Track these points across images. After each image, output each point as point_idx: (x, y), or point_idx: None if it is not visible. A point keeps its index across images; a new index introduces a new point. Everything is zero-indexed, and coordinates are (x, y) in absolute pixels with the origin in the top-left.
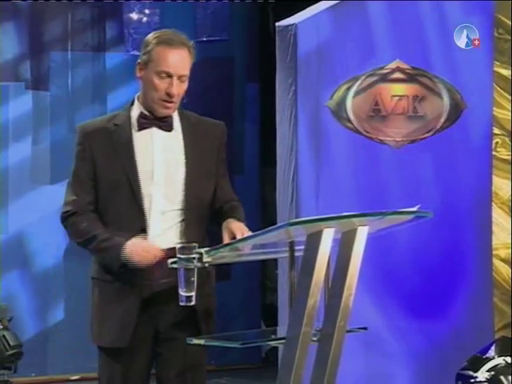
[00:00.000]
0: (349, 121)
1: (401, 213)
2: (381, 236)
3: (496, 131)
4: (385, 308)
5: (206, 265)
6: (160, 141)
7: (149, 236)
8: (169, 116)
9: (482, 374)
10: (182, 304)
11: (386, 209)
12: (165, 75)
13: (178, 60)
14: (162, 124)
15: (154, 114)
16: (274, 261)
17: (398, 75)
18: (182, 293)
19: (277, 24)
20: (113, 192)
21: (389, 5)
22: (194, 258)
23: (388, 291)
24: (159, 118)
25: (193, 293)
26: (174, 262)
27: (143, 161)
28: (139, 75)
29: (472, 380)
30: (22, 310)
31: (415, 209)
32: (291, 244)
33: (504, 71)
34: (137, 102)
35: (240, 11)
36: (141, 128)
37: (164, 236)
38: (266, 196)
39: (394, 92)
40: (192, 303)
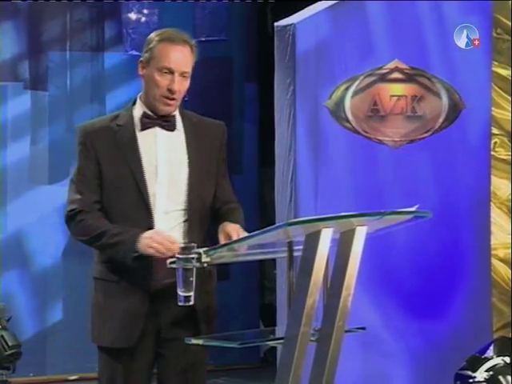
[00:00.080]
0: (347, 121)
1: (399, 213)
2: (379, 236)
3: (494, 131)
4: (383, 308)
5: (205, 265)
6: (163, 140)
7: None
8: (172, 116)
9: (481, 374)
10: (181, 304)
11: (385, 209)
12: (167, 71)
13: (180, 57)
14: (165, 124)
15: (157, 113)
16: (273, 261)
17: (397, 75)
18: (181, 293)
19: (275, 24)
20: (118, 191)
21: (387, 5)
22: (193, 258)
23: (387, 291)
24: (162, 118)
25: (191, 293)
26: (173, 262)
27: (148, 160)
28: (141, 73)
29: (470, 380)
30: (21, 310)
31: (414, 209)
32: (290, 244)
33: (502, 71)
34: (139, 102)
35: (239, 11)
36: (144, 128)
37: None
38: (265, 196)
39: (393, 92)
40: (190, 303)
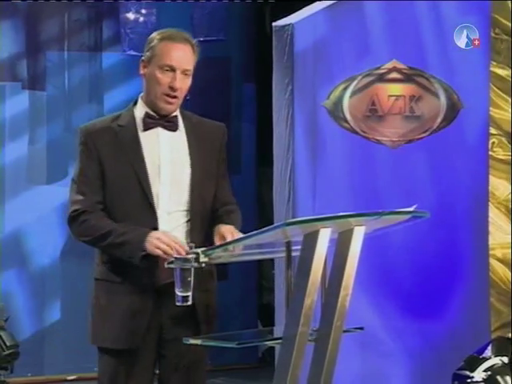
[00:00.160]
0: (345, 121)
1: (397, 213)
2: (377, 236)
3: (493, 131)
4: (381, 308)
5: (203, 265)
6: (166, 141)
7: None
8: (174, 116)
9: (479, 374)
10: (179, 304)
11: (383, 209)
12: (168, 69)
13: (181, 55)
14: (168, 124)
15: (159, 113)
16: (271, 261)
17: (395, 75)
18: (179, 293)
19: (273, 24)
20: (122, 191)
21: (385, 5)
22: (191, 258)
23: (385, 291)
24: (165, 118)
25: (189, 293)
26: (171, 262)
27: (150, 161)
28: (142, 73)
29: (468, 380)
30: (19, 310)
31: (412, 209)
32: (288, 244)
33: (501, 71)
34: (140, 102)
35: (237, 11)
36: (146, 128)
37: None
38: (263, 196)
39: (391, 92)
40: (189, 303)
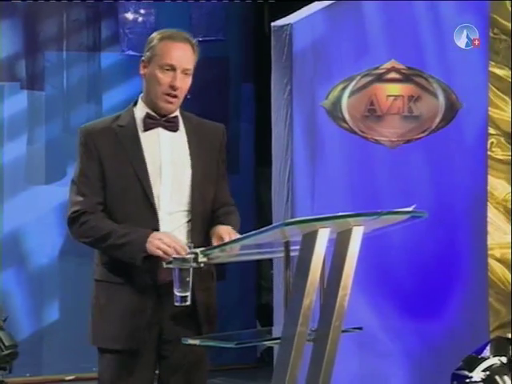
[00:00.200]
0: (344, 121)
1: (396, 213)
2: (376, 236)
3: (491, 131)
4: (380, 308)
5: (202, 265)
6: (167, 141)
7: None
8: (174, 116)
9: (478, 374)
10: (177, 304)
11: (382, 209)
12: (168, 68)
13: (182, 54)
14: (168, 124)
15: (159, 113)
16: (270, 261)
17: (394, 75)
18: (177, 293)
19: (272, 24)
20: (123, 192)
21: (384, 5)
22: (190, 258)
23: (383, 291)
24: (165, 118)
25: (188, 293)
26: (170, 262)
27: (151, 161)
28: (142, 73)
29: (467, 380)
30: (17, 310)
31: (410, 209)
32: (286, 244)
33: (499, 71)
34: (141, 102)
35: (235, 11)
36: (147, 128)
37: None
38: (262, 196)
39: (390, 92)
40: (187, 303)
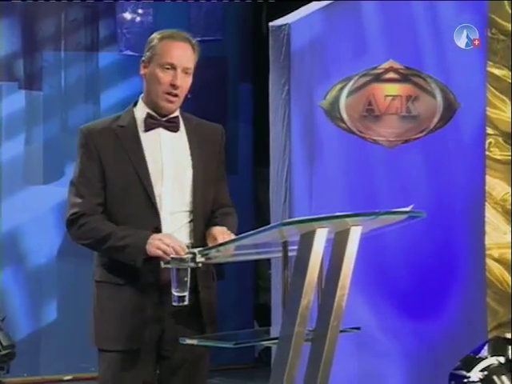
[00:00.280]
0: (342, 121)
1: (394, 213)
2: (374, 236)
3: (489, 131)
4: (378, 308)
5: (199, 265)
6: (168, 141)
7: None
8: (175, 116)
9: (475, 374)
10: (175, 304)
11: (379, 209)
12: (169, 67)
13: (182, 53)
14: (169, 124)
15: (160, 112)
16: (267, 261)
17: (392, 75)
18: (175, 293)
19: (270, 24)
20: (124, 193)
21: (382, 5)
22: (188, 258)
23: (381, 291)
24: (166, 119)
25: (186, 293)
26: (168, 262)
27: (152, 161)
28: (142, 73)
29: (465, 380)
30: (15, 310)
31: (408, 209)
32: (284, 244)
33: (497, 71)
34: (141, 102)
35: (233, 11)
36: (148, 129)
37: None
38: (260, 196)
39: (388, 92)
40: (185, 303)
